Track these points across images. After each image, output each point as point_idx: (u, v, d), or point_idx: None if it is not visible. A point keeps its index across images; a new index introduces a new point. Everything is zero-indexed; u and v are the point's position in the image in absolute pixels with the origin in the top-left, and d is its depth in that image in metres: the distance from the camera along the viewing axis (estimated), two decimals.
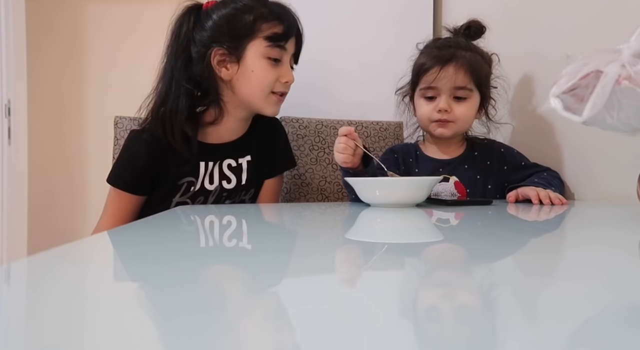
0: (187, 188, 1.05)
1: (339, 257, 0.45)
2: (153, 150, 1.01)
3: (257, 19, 0.99)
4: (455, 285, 0.32)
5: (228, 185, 1.07)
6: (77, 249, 0.46)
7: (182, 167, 1.03)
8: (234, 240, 0.55)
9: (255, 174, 1.10)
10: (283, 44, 1.00)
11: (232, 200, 1.09)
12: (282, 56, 1.02)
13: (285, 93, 1.05)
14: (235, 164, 1.09)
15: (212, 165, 1.06)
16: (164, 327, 0.23)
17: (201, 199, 1.06)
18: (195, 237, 0.57)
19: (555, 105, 0.60)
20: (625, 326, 0.23)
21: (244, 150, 1.09)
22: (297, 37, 1.05)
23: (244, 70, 1.00)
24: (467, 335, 0.22)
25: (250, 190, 1.11)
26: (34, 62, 2.46)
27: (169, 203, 1.05)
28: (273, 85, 1.02)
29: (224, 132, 1.08)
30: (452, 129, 1.11)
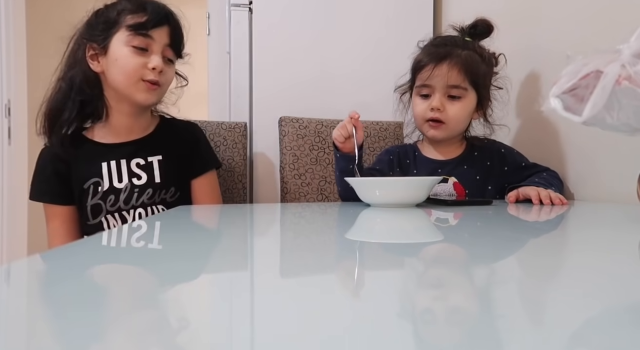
0: (95, 189, 1.07)
1: (339, 257, 0.45)
2: (53, 158, 1.08)
3: (121, 11, 1.04)
4: (455, 286, 0.32)
5: (138, 181, 1.09)
6: (77, 248, 0.46)
7: (84, 169, 1.08)
8: (234, 240, 0.55)
9: (170, 172, 1.12)
10: (146, 33, 1.03)
11: (152, 200, 1.09)
12: (148, 45, 1.04)
13: (157, 81, 1.04)
14: (145, 162, 1.10)
15: (115, 164, 1.08)
16: (163, 327, 0.23)
17: (112, 198, 1.07)
18: (196, 237, 0.57)
19: (555, 105, 0.60)
20: (625, 326, 0.23)
21: (153, 150, 1.12)
22: (171, 28, 1.07)
23: (110, 60, 1.04)
24: (466, 336, 0.22)
25: (171, 189, 1.11)
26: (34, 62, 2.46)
27: (85, 208, 1.08)
28: (139, 72, 1.03)
29: (119, 129, 1.10)
30: (444, 131, 1.11)
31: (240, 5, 1.51)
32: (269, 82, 1.52)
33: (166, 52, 1.07)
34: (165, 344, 0.21)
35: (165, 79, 1.07)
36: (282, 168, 1.39)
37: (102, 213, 1.07)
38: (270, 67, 1.52)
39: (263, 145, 1.49)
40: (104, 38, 1.04)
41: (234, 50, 1.52)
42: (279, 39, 1.53)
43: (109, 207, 1.07)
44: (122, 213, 1.08)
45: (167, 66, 1.07)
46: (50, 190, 1.09)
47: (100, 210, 1.07)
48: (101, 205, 1.07)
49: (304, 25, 1.55)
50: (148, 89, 1.04)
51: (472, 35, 1.14)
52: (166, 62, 1.07)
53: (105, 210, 1.07)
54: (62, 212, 1.10)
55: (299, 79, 1.53)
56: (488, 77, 1.14)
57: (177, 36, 1.08)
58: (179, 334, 0.22)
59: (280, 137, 1.41)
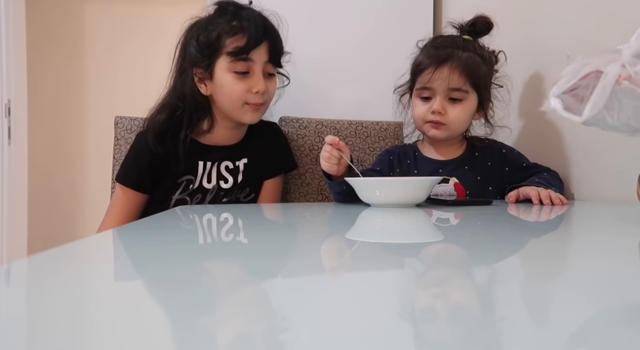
0: (187, 186, 1.12)
1: (339, 257, 0.45)
2: (155, 145, 1.09)
3: (221, 35, 1.04)
4: (455, 286, 0.32)
5: (225, 185, 1.14)
6: (77, 249, 0.46)
7: (182, 166, 1.11)
8: (234, 240, 0.55)
9: (251, 174, 1.17)
10: (246, 57, 1.04)
11: (229, 199, 1.15)
12: (249, 68, 1.05)
13: (260, 103, 1.08)
14: (233, 166, 1.16)
15: (209, 165, 1.13)
16: (163, 326, 0.23)
17: (199, 196, 1.13)
18: (196, 237, 0.57)
19: (556, 106, 0.60)
20: (625, 326, 0.23)
21: (241, 154, 1.17)
22: (270, 43, 1.07)
23: (216, 86, 1.07)
24: (467, 336, 0.22)
25: (245, 189, 1.17)
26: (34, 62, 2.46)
27: (169, 200, 1.12)
28: (243, 97, 1.06)
29: (219, 138, 1.15)
30: (445, 131, 1.10)
31: None
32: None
33: (267, 68, 1.08)
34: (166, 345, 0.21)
35: (269, 95, 1.10)
36: None
37: None
38: None
39: None
40: (208, 64, 1.06)
41: None
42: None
43: (194, 204, 1.12)
44: None
45: (269, 82, 1.09)
46: (139, 178, 1.11)
47: (184, 205, 1.11)
48: (187, 201, 1.12)
49: (304, 25, 1.54)
50: (254, 110, 1.08)
51: (471, 33, 1.13)
52: (267, 77, 1.08)
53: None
54: (135, 197, 1.12)
55: (299, 79, 1.53)
56: (489, 77, 1.13)
57: (277, 48, 1.09)
58: (178, 335, 0.22)
59: None
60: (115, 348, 0.20)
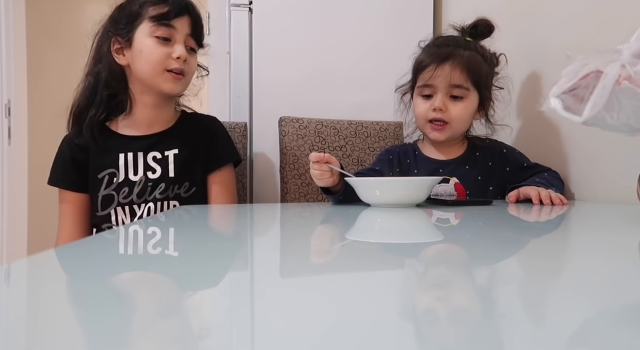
0: (110, 180, 1.09)
1: (339, 257, 0.45)
2: (73, 145, 1.11)
3: (143, 3, 1.06)
4: (456, 286, 0.32)
5: (152, 175, 1.10)
6: (76, 249, 0.46)
7: (101, 159, 1.10)
8: (234, 240, 0.55)
9: (185, 167, 1.12)
10: (169, 23, 1.05)
11: (165, 194, 1.09)
12: (171, 35, 1.06)
13: (182, 70, 1.06)
14: (161, 156, 1.11)
15: (132, 156, 1.10)
16: (162, 326, 0.23)
17: (125, 190, 1.08)
18: (195, 237, 0.57)
19: (556, 106, 0.60)
20: (626, 326, 0.23)
21: (170, 144, 1.12)
22: (192, 18, 1.08)
23: (135, 52, 1.06)
24: (467, 336, 0.22)
25: (185, 184, 1.12)
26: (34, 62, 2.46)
27: (96, 198, 1.09)
28: (164, 62, 1.05)
29: (141, 122, 1.12)
30: (447, 132, 1.10)
31: (240, 5, 1.51)
32: (269, 82, 1.52)
33: (188, 41, 1.08)
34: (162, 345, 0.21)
35: (189, 68, 1.09)
36: (282, 168, 1.39)
37: (113, 204, 1.08)
38: (270, 67, 1.52)
39: (263, 145, 1.49)
40: (128, 31, 1.06)
41: (234, 50, 1.52)
42: (279, 39, 1.53)
43: (121, 199, 1.08)
44: (133, 206, 1.08)
45: (190, 55, 1.08)
46: (66, 177, 1.12)
47: (111, 201, 1.08)
48: (113, 197, 1.08)
49: (304, 25, 1.55)
50: (173, 78, 1.06)
51: (472, 36, 1.13)
52: (189, 51, 1.08)
53: (117, 202, 1.08)
54: (74, 199, 1.12)
55: (299, 79, 1.53)
56: (490, 77, 1.14)
57: (198, 25, 1.10)
58: (178, 335, 0.22)
59: (280, 137, 1.41)
60: (115, 348, 0.20)
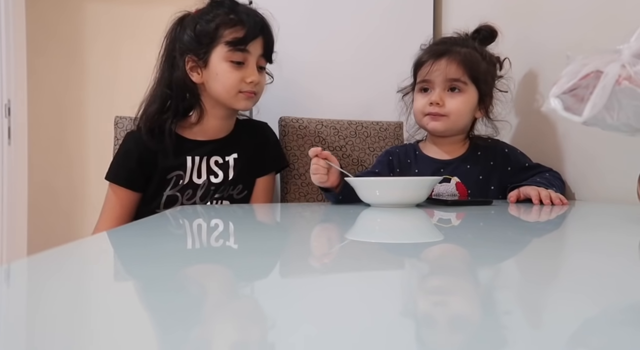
0: (176, 181, 1.13)
1: (339, 257, 0.45)
2: (141, 144, 1.12)
3: (219, 25, 1.08)
4: (456, 286, 0.32)
5: (215, 179, 1.15)
6: (77, 249, 0.46)
7: (170, 161, 1.13)
8: (235, 240, 0.55)
9: (242, 170, 1.18)
10: (244, 48, 1.08)
11: (221, 194, 1.16)
12: (245, 59, 1.09)
13: (254, 91, 1.11)
14: (222, 161, 1.17)
15: (198, 160, 1.15)
16: (162, 326, 0.23)
17: (189, 192, 1.14)
18: (197, 235, 0.57)
19: (556, 106, 0.60)
20: (626, 326, 0.23)
21: (231, 149, 1.18)
22: (264, 38, 1.12)
23: (210, 74, 1.10)
24: (467, 335, 0.22)
25: (238, 186, 1.18)
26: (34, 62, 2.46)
27: (160, 197, 1.13)
28: (238, 85, 1.09)
29: (208, 130, 1.17)
30: (445, 123, 1.10)
31: None
32: (269, 82, 1.51)
33: (260, 61, 1.13)
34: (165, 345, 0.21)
35: (260, 87, 1.14)
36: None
37: (177, 204, 1.13)
38: (270, 67, 1.51)
39: None
40: (205, 52, 1.09)
41: None
42: (279, 39, 1.52)
43: (185, 200, 1.13)
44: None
45: (260, 74, 1.13)
46: (129, 176, 1.13)
47: (175, 201, 1.13)
48: (177, 197, 1.13)
49: (304, 26, 1.55)
50: (247, 97, 1.11)
51: (475, 41, 1.15)
52: (259, 70, 1.12)
53: (181, 203, 1.13)
54: (127, 196, 1.13)
55: (299, 79, 1.53)
56: (489, 75, 1.14)
57: (270, 45, 1.14)
58: (177, 334, 0.22)
59: (280, 137, 1.41)
60: (114, 348, 0.20)
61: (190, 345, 0.21)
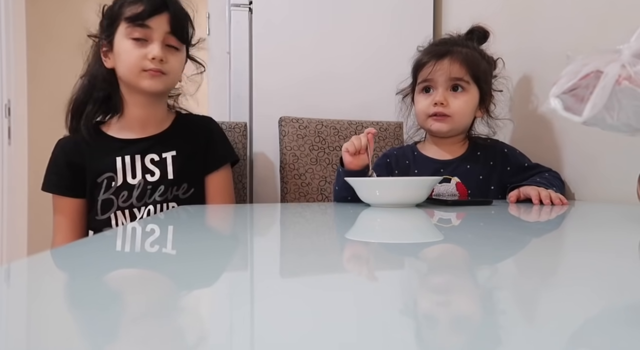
0: (109, 184, 1.07)
1: (339, 257, 0.45)
2: (68, 149, 1.10)
3: (121, 4, 1.04)
4: (456, 286, 0.32)
5: (152, 178, 1.09)
6: (76, 249, 0.46)
7: (98, 163, 1.08)
8: (234, 240, 0.55)
9: (183, 168, 1.11)
10: (143, 23, 1.02)
11: (164, 196, 1.09)
12: (146, 35, 1.03)
13: (158, 70, 1.04)
14: (159, 158, 1.10)
15: (129, 159, 1.08)
16: (161, 326, 0.23)
17: (125, 194, 1.07)
18: (195, 237, 0.57)
19: (556, 106, 0.60)
20: (626, 326, 0.23)
21: (168, 146, 1.12)
22: (171, 15, 1.05)
23: (116, 55, 1.06)
24: (467, 335, 0.22)
25: (183, 185, 1.11)
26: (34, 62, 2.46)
27: (95, 203, 1.08)
28: (140, 63, 1.03)
29: (132, 124, 1.11)
30: (449, 124, 1.10)
31: (240, 5, 1.51)
32: (269, 82, 1.52)
33: (168, 39, 1.05)
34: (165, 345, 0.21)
35: (170, 67, 1.05)
36: (282, 168, 1.39)
37: (113, 208, 1.07)
38: (270, 67, 1.52)
39: (263, 145, 1.49)
40: (109, 34, 1.05)
41: (234, 50, 1.52)
42: (279, 39, 1.53)
43: (120, 203, 1.07)
44: (133, 210, 1.07)
45: (170, 54, 1.05)
46: (62, 182, 1.10)
47: (111, 205, 1.07)
48: (113, 201, 1.07)
49: (304, 25, 1.55)
50: (151, 76, 1.04)
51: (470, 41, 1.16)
52: (169, 49, 1.06)
53: (117, 206, 1.07)
54: (70, 204, 1.10)
55: (299, 79, 1.53)
56: (489, 74, 1.15)
57: (179, 21, 1.06)
58: (178, 335, 0.22)
59: (280, 137, 1.41)
60: (114, 348, 0.20)
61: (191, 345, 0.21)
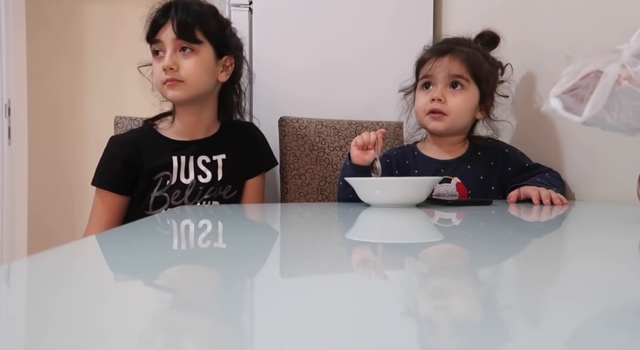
0: (163, 182, 1.12)
1: (339, 257, 0.45)
2: (126, 146, 1.12)
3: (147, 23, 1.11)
4: (456, 286, 0.32)
5: (204, 179, 1.14)
6: (76, 249, 0.46)
7: (155, 161, 1.12)
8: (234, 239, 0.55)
9: (231, 171, 1.17)
10: (155, 39, 1.09)
11: (211, 195, 1.15)
12: (161, 48, 1.09)
13: (171, 78, 1.07)
14: (210, 160, 1.16)
15: (184, 159, 1.13)
16: (161, 326, 0.23)
17: (177, 192, 1.12)
18: (197, 235, 0.57)
19: (556, 106, 0.60)
20: (625, 326, 0.23)
21: (218, 149, 1.17)
22: (174, 20, 1.07)
23: None
24: (466, 335, 0.22)
25: (227, 187, 1.17)
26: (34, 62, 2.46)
27: (147, 199, 1.11)
28: (160, 76, 1.09)
29: (182, 129, 1.16)
30: (446, 123, 1.10)
31: (240, 5, 1.51)
32: (269, 82, 1.52)
33: (178, 44, 1.07)
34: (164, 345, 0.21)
35: (185, 72, 1.07)
36: (282, 168, 1.39)
37: (165, 205, 1.12)
38: (270, 67, 1.52)
39: None
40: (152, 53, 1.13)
41: None
42: (279, 39, 1.53)
43: (173, 201, 1.12)
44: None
45: (184, 58, 1.07)
46: (115, 180, 1.11)
47: (163, 202, 1.12)
48: (166, 198, 1.12)
49: (304, 26, 1.55)
50: (168, 87, 1.08)
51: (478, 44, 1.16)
52: (184, 54, 1.08)
53: (169, 204, 1.12)
54: (115, 200, 1.12)
55: (299, 79, 1.53)
56: (491, 76, 1.14)
57: (184, 24, 1.07)
58: (178, 335, 0.22)
59: (280, 137, 1.41)
60: (114, 348, 0.20)
61: (191, 345, 0.21)
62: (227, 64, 1.15)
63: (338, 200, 1.13)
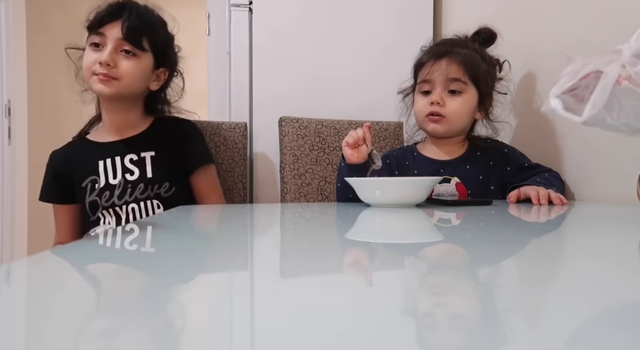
0: (92, 187, 1.13)
1: (339, 257, 0.45)
2: (57, 161, 1.19)
3: (91, 14, 1.11)
4: (456, 286, 0.32)
5: (131, 177, 1.13)
6: (76, 249, 0.46)
7: (83, 168, 1.15)
8: (234, 240, 0.55)
9: (162, 168, 1.15)
10: (98, 31, 1.08)
11: (145, 195, 1.12)
12: (102, 41, 1.08)
13: (106, 74, 1.07)
14: (137, 158, 1.14)
15: (110, 161, 1.14)
16: (162, 326, 0.23)
17: (107, 194, 1.12)
18: (195, 237, 0.57)
19: (556, 106, 0.60)
20: (625, 326, 0.23)
21: (147, 146, 1.16)
22: (126, 21, 1.07)
23: None
24: (466, 335, 0.22)
25: (165, 184, 1.14)
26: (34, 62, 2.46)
27: (84, 207, 1.14)
28: (91, 67, 1.08)
29: (110, 128, 1.17)
30: (445, 125, 1.11)
31: (240, 5, 1.51)
32: (269, 82, 1.52)
33: (121, 45, 1.08)
34: (165, 345, 0.21)
35: (122, 72, 1.08)
36: (282, 168, 1.39)
37: (99, 209, 1.12)
38: (270, 67, 1.52)
39: (263, 145, 1.49)
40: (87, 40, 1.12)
41: (234, 50, 1.52)
42: (279, 39, 1.53)
43: (104, 203, 1.12)
44: (116, 208, 1.11)
45: (125, 60, 1.09)
46: (50, 191, 1.19)
47: (96, 206, 1.12)
48: (97, 202, 1.12)
49: (304, 26, 1.55)
50: (100, 80, 1.08)
51: (475, 43, 1.16)
52: (124, 55, 1.09)
53: (101, 206, 1.12)
54: (67, 210, 1.18)
55: (299, 79, 1.54)
56: (489, 76, 1.14)
57: (134, 28, 1.08)
58: (179, 335, 0.22)
59: (280, 137, 1.41)
60: (115, 348, 0.20)
61: (191, 345, 0.21)
62: (161, 76, 1.17)
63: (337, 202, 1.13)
